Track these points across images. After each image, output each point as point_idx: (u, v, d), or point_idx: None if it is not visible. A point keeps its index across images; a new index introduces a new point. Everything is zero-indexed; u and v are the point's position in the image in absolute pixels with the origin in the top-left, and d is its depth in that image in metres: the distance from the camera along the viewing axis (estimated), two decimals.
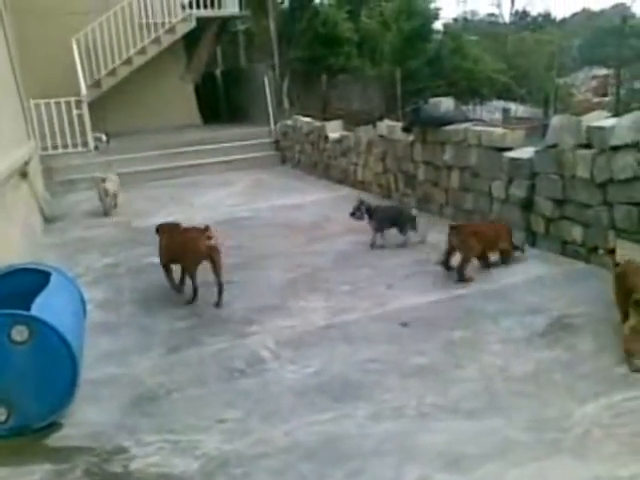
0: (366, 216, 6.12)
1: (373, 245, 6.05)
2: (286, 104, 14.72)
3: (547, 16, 43.52)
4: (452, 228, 5.12)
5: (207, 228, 4.76)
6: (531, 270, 5.05)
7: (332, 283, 5.14)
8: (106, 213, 8.36)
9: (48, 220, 8.25)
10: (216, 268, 4.74)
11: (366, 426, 3.07)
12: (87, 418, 3.31)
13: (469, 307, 4.44)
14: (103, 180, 8.41)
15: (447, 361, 3.67)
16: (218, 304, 4.75)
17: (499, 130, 6.15)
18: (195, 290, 4.84)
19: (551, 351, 3.69)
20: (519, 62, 22.20)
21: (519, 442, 2.85)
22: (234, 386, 3.57)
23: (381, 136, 8.17)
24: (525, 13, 40.70)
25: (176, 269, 5.10)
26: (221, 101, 17.01)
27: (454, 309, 4.43)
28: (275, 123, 12.44)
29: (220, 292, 4.77)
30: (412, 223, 6.02)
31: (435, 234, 5.94)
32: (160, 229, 5.28)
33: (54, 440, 3.14)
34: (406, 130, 7.42)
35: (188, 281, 4.94)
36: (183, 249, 4.83)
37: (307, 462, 2.81)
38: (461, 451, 2.80)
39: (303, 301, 4.79)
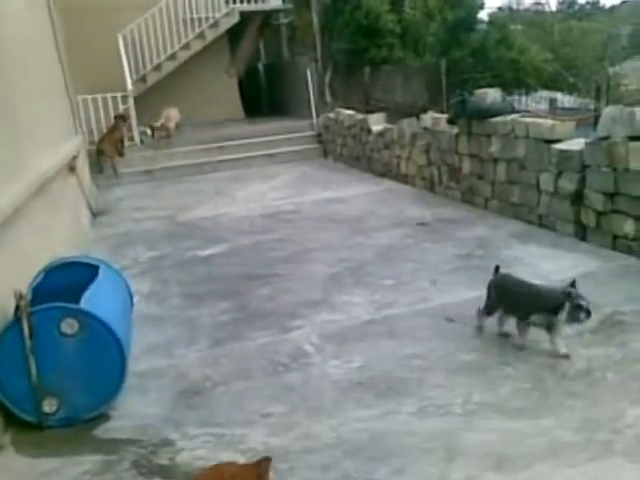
0: None
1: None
2: (328, 97, 14.66)
3: (595, 4, 42.41)
4: None
5: None
6: (581, 265, 4.90)
7: (376, 277, 5.10)
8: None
9: (95, 214, 8.41)
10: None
11: (411, 423, 3.03)
12: (134, 410, 3.36)
13: None
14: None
15: (495, 359, 3.60)
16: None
17: (548, 122, 5.99)
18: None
19: (603, 349, 3.58)
20: (567, 51, 21.62)
21: (569, 443, 2.77)
22: (278, 380, 3.57)
23: (425, 128, 8.07)
24: (573, 1, 39.75)
25: None
26: (263, 94, 17.06)
27: None
28: (317, 116, 12.41)
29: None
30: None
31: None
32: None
33: (102, 431, 3.20)
34: (451, 122, 7.31)
35: None
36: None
37: (352, 459, 2.78)
38: (510, 451, 2.74)
39: (347, 295, 4.77)
